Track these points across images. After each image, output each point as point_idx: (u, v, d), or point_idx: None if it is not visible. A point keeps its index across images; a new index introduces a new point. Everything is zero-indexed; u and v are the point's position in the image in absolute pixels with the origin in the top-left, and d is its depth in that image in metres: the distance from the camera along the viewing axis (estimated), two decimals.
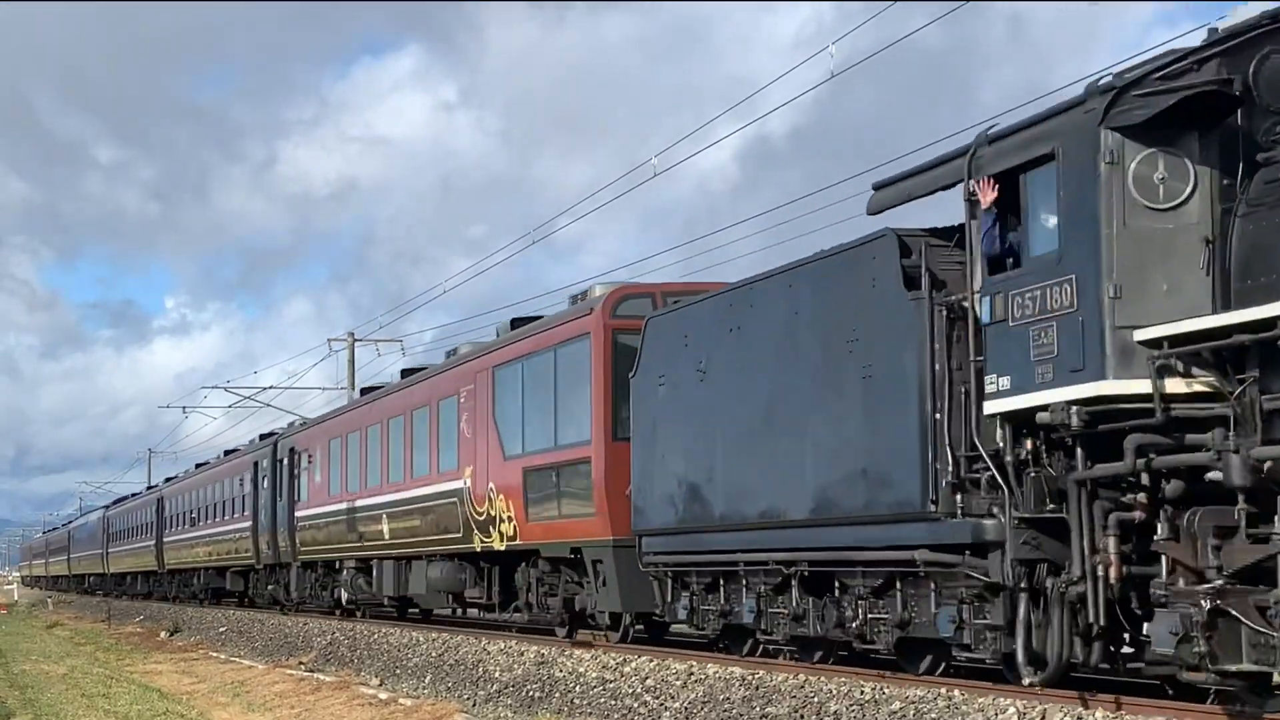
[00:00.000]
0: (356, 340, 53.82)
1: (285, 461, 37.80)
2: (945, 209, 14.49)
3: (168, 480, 63.02)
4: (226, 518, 45.05)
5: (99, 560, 77.84)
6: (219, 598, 51.01)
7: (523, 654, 21.32)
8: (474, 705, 19.91)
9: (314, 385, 65.07)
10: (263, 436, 43.15)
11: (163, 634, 43.74)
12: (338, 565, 33.70)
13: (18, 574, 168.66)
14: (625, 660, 18.71)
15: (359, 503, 30.86)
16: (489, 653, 22.30)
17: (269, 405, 60.10)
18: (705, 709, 15.61)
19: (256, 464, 41.20)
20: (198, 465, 55.57)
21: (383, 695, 21.56)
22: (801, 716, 14.23)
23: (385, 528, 29.01)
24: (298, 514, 36.06)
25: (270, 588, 41.21)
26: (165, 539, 56.92)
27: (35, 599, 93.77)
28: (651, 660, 18.36)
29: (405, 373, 31.30)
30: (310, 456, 35.52)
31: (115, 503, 78.48)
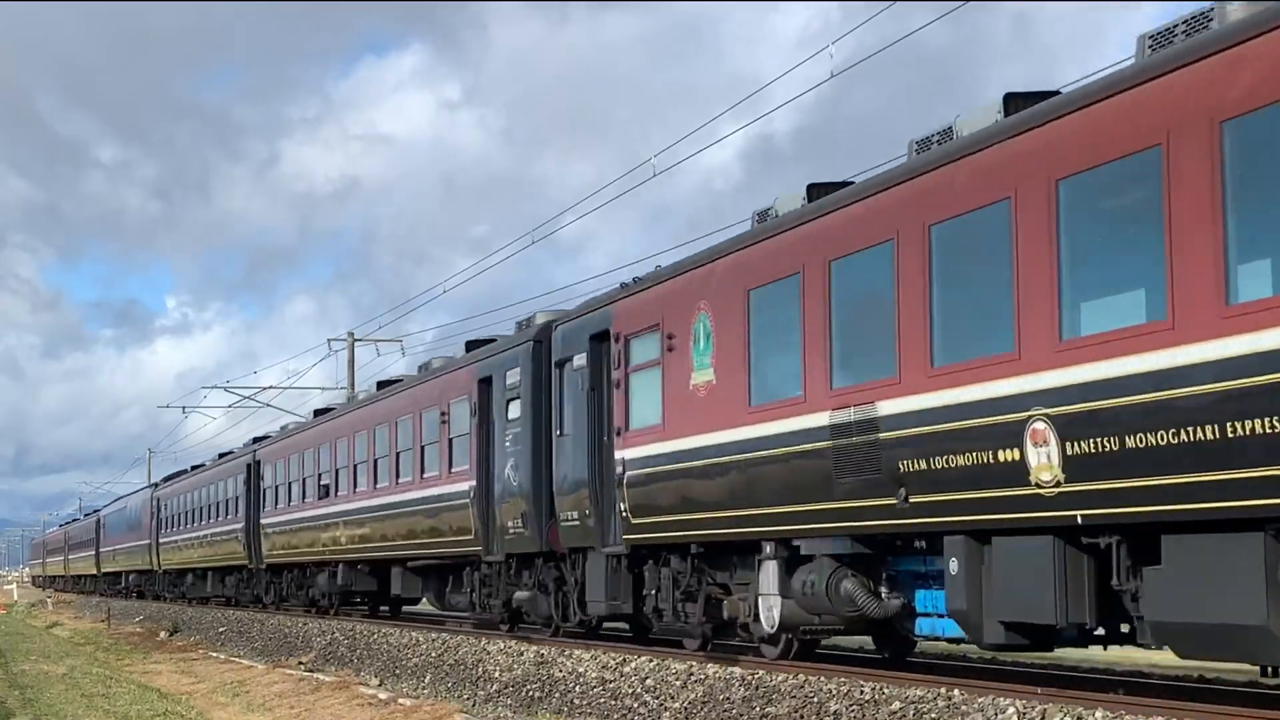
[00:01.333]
0: (356, 340, 53.92)
1: (620, 349, 19.16)
2: None
3: (259, 440, 44.45)
4: (416, 480, 27.59)
5: (145, 553, 60.21)
6: (373, 606, 35.50)
7: (522, 654, 21.30)
8: (474, 705, 19.89)
9: (314, 385, 65.13)
10: (523, 325, 23.47)
11: (162, 634, 43.72)
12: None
13: (26, 573, 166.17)
14: (625, 660, 18.69)
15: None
16: (489, 653, 22.28)
17: (269, 405, 60.16)
18: (705, 709, 15.59)
19: (538, 346, 22.09)
20: (317, 412, 38.44)
21: (382, 695, 21.54)
22: (801, 716, 14.21)
23: None
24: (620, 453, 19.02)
25: (563, 589, 21.90)
26: (264, 520, 40.20)
27: (35, 599, 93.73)
28: (651, 660, 18.34)
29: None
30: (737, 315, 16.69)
31: (169, 479, 60.09)
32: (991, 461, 12.56)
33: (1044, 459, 12.01)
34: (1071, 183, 11.86)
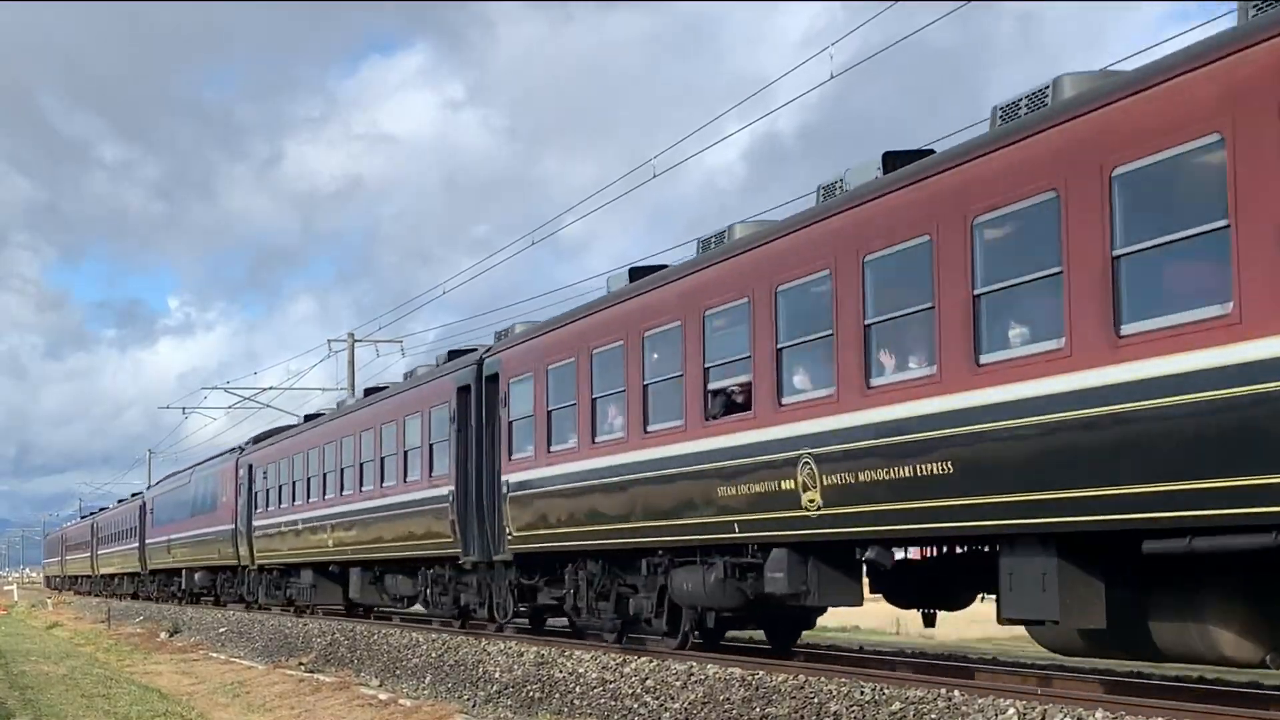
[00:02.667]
0: (356, 341, 53.98)
1: None
2: None
3: (457, 354, 27.17)
4: (968, 365, 12.77)
5: (228, 543, 44.18)
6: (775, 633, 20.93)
7: (522, 654, 21.29)
8: (474, 706, 19.89)
9: (314, 386, 65.15)
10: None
11: (162, 634, 43.70)
12: None
13: (29, 573, 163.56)
14: (625, 660, 18.69)
15: None
16: (489, 653, 22.28)
17: (269, 406, 60.19)
18: (705, 709, 15.59)
19: None
20: (632, 272, 20.54)
21: (383, 696, 21.54)
22: (801, 717, 14.20)
23: None
24: None
25: None
26: (511, 477, 22.89)
27: (36, 599, 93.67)
28: (651, 660, 18.34)
29: None
30: None
31: (260, 440, 43.62)
32: None
33: None
34: None
